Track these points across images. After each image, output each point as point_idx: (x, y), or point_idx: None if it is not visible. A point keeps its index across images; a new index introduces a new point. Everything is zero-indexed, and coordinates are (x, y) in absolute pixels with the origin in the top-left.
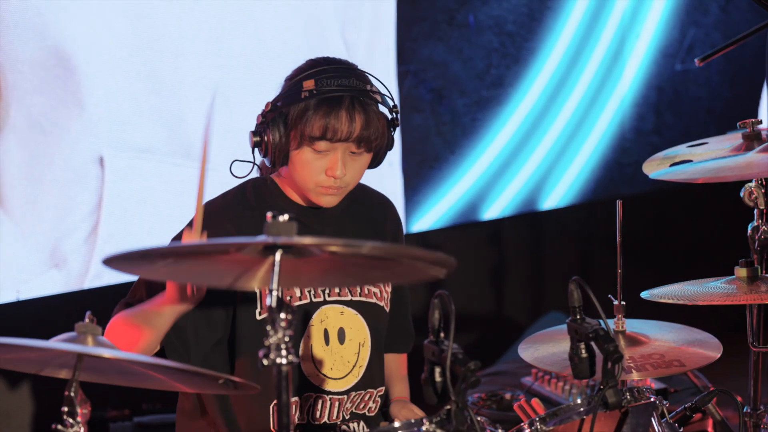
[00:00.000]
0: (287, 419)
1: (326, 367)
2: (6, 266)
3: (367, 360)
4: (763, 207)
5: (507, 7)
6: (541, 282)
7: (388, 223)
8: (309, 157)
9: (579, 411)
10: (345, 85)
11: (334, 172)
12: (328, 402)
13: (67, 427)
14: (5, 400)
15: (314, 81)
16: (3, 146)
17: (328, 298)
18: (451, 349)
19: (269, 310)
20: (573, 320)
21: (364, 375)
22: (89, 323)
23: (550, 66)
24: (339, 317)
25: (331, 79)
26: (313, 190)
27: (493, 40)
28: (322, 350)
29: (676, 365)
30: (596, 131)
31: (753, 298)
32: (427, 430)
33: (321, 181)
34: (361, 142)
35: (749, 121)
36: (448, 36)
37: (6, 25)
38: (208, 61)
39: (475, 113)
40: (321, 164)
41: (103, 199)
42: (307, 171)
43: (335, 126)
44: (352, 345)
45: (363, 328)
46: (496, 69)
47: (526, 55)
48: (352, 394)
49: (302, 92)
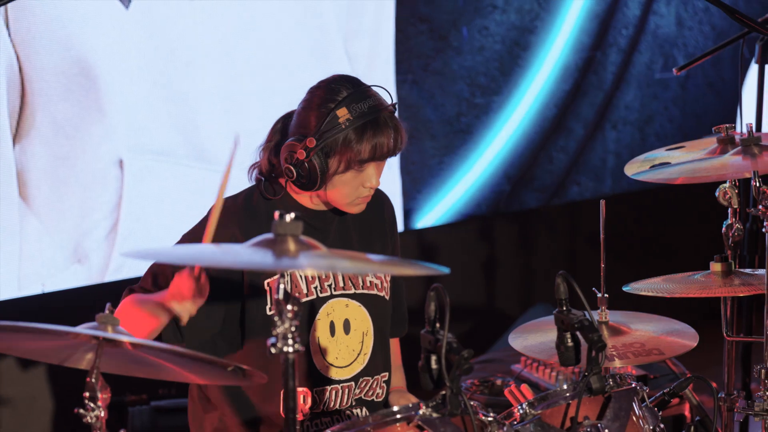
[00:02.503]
0: (294, 403)
1: (332, 357)
2: (32, 261)
3: (371, 348)
4: (736, 206)
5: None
6: (529, 276)
7: (386, 213)
8: (350, 176)
9: (565, 396)
10: (371, 105)
11: (372, 184)
12: (339, 390)
13: (89, 411)
14: (31, 387)
15: (346, 109)
16: (29, 149)
17: (334, 292)
18: (446, 339)
19: (276, 303)
20: (560, 311)
21: (368, 362)
22: (109, 314)
23: (517, 116)
24: (344, 309)
25: (360, 103)
26: (352, 203)
27: (464, 90)
28: (328, 341)
29: (656, 353)
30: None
31: (727, 291)
32: (424, 413)
33: (360, 193)
34: (398, 152)
35: (723, 126)
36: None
37: (32, 37)
38: (219, 72)
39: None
40: (360, 180)
41: (123, 198)
42: (349, 188)
43: (383, 144)
44: (356, 335)
45: (366, 319)
46: (466, 117)
47: (494, 107)
48: (360, 381)
49: (341, 122)
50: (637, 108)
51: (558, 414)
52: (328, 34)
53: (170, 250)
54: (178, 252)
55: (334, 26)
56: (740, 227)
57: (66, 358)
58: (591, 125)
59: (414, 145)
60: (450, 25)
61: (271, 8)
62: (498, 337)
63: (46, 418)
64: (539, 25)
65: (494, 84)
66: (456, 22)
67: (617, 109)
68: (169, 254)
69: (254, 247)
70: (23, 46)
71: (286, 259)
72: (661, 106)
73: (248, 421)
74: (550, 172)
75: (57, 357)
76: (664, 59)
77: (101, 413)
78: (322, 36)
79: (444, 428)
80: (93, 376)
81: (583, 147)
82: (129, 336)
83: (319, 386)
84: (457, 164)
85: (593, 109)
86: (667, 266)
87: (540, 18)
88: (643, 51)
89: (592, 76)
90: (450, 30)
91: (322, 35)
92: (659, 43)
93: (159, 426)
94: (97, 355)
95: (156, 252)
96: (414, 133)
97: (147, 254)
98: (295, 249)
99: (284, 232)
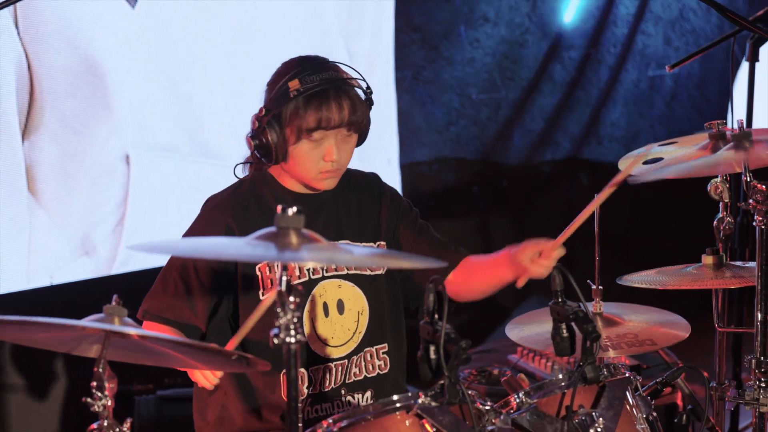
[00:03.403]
0: (296, 392)
1: (327, 336)
2: (41, 253)
3: (366, 326)
4: (727, 200)
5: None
6: None
7: (382, 196)
8: (306, 148)
9: (561, 385)
10: (325, 78)
11: (331, 156)
12: (333, 369)
13: (96, 400)
14: (41, 377)
15: (298, 80)
16: (38, 145)
17: (326, 274)
18: (445, 330)
19: (279, 294)
20: (555, 303)
21: (362, 339)
22: (116, 305)
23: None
24: (337, 290)
25: (312, 75)
26: (315, 178)
27: (454, 99)
28: (323, 322)
29: (649, 344)
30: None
31: (718, 283)
32: (423, 402)
33: (321, 167)
34: (351, 125)
35: (715, 123)
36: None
37: (41, 36)
38: (223, 70)
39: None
40: (318, 153)
41: (129, 193)
42: (308, 161)
43: (327, 115)
44: (351, 314)
45: (360, 298)
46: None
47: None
48: (354, 359)
49: (290, 92)
50: (623, 125)
51: (554, 403)
52: (330, 34)
53: (175, 243)
54: (184, 245)
55: (336, 26)
56: (731, 221)
57: (74, 348)
58: (578, 140)
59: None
60: (441, 36)
61: (273, 8)
62: (495, 328)
63: (56, 407)
64: (529, 39)
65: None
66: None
67: (603, 125)
68: (175, 247)
69: (257, 240)
70: (32, 44)
71: (288, 252)
72: (647, 125)
73: (251, 408)
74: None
75: (66, 347)
76: (650, 80)
77: (108, 402)
78: (324, 36)
79: (442, 417)
80: (100, 366)
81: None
82: (135, 328)
83: (314, 366)
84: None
85: (580, 125)
86: (660, 259)
87: (530, 32)
88: (630, 69)
89: (579, 92)
90: (441, 40)
91: (324, 35)
92: (646, 62)
93: (164, 414)
94: (104, 346)
95: (162, 245)
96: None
97: (153, 247)
98: (297, 242)
99: (286, 225)
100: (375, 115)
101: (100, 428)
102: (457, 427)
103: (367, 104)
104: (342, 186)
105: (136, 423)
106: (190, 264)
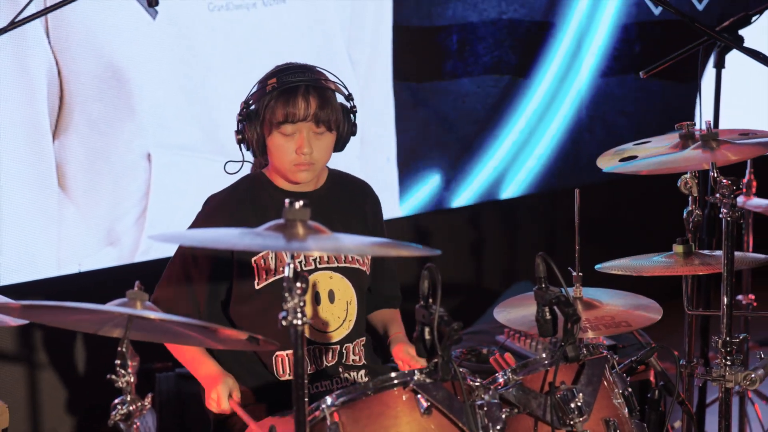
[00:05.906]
0: (302, 370)
1: (318, 323)
2: (70, 243)
3: (355, 315)
4: (696, 194)
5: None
6: (512, 256)
7: (367, 205)
8: (280, 141)
9: (544, 363)
10: (301, 77)
11: (302, 149)
12: (324, 349)
13: (120, 377)
14: (68, 355)
15: (276, 78)
16: (67, 144)
17: (319, 265)
18: (438, 312)
19: (286, 280)
20: (539, 288)
21: (352, 329)
22: (138, 291)
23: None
24: (328, 281)
25: (290, 75)
26: (290, 170)
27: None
28: (314, 309)
29: (624, 326)
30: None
31: (688, 270)
32: (419, 379)
33: (294, 159)
34: (319, 121)
35: (685, 123)
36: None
37: (70, 44)
38: (235, 76)
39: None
40: (291, 145)
41: (150, 188)
42: (282, 153)
43: (293, 110)
44: (341, 303)
45: (349, 289)
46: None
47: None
48: (344, 345)
49: (267, 88)
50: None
51: (538, 379)
52: (333, 40)
53: (192, 233)
54: (200, 235)
55: (338, 33)
56: (699, 213)
57: (100, 329)
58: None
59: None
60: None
61: (280, 17)
62: (484, 311)
63: (83, 383)
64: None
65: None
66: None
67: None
68: (191, 237)
69: (267, 231)
70: (62, 53)
71: (296, 242)
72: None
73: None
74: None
75: (92, 328)
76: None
77: (131, 379)
78: (327, 42)
79: (436, 392)
80: (123, 345)
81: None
82: (155, 312)
83: (309, 349)
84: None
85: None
86: (635, 248)
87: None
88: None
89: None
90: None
91: (327, 41)
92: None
93: (182, 391)
94: (127, 328)
95: (179, 235)
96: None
97: (171, 237)
98: (303, 233)
99: (293, 217)
100: (375, 114)
101: (123, 402)
102: (449, 402)
103: (344, 108)
104: (333, 184)
105: (156, 398)
106: (189, 255)
